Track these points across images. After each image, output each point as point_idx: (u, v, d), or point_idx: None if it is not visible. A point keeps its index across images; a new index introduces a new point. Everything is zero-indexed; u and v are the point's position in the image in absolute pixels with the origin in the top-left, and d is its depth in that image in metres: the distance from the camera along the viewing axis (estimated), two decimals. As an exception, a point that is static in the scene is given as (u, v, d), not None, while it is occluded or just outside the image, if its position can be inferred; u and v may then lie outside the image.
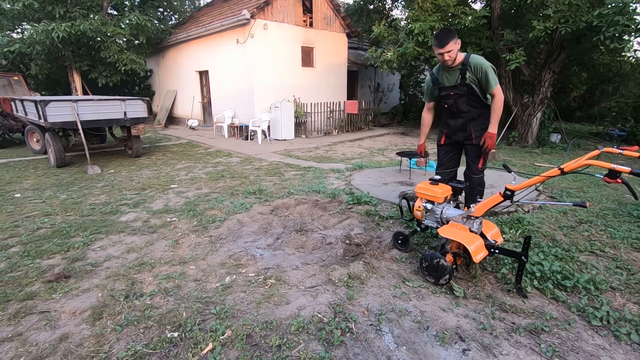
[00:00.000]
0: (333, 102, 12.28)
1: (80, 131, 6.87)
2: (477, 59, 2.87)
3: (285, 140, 10.64)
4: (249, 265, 2.99)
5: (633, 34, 7.53)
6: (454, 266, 2.56)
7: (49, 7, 11.47)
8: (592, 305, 2.30)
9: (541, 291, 2.49)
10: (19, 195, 5.18)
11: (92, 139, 8.47)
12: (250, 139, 10.62)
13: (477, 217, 2.51)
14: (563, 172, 2.14)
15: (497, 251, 2.50)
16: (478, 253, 2.36)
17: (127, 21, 12.61)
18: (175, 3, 17.33)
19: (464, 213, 2.57)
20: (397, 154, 5.97)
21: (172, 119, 15.23)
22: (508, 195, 2.34)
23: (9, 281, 2.75)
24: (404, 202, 3.25)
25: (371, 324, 2.19)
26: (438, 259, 2.49)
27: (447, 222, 2.68)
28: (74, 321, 2.28)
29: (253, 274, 2.83)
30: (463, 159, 3.32)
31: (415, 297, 2.47)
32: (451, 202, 2.87)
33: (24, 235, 3.64)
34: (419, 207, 2.87)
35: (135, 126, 7.65)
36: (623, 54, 11.49)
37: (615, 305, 2.33)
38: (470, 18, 9.17)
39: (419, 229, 3.01)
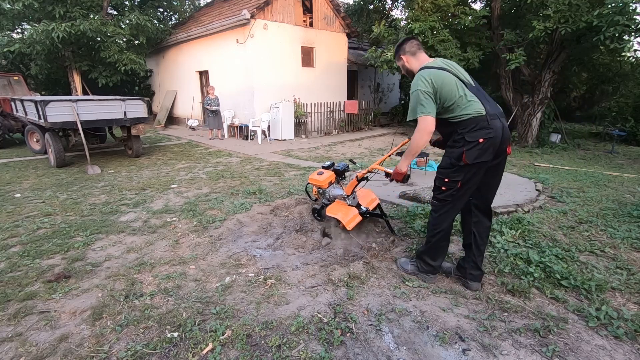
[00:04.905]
0: (333, 102, 12.28)
1: (80, 131, 6.87)
2: (417, 76, 2.32)
3: (285, 140, 10.64)
4: (249, 265, 2.99)
5: (633, 34, 7.53)
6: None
7: (49, 7, 11.46)
8: (592, 305, 2.30)
9: (541, 291, 2.49)
10: (19, 195, 5.18)
11: (92, 139, 8.46)
12: (250, 139, 10.62)
13: (349, 195, 3.32)
14: (358, 179, 3.30)
15: (367, 215, 3.27)
16: (350, 222, 3.10)
17: (127, 21, 12.61)
18: (175, 3, 17.34)
19: (343, 193, 3.39)
20: (397, 154, 5.96)
21: (172, 119, 15.23)
22: (359, 179, 3.30)
23: (9, 281, 2.75)
24: (309, 186, 4.05)
25: (371, 324, 2.19)
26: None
27: (334, 199, 3.44)
28: (74, 321, 2.28)
29: (253, 274, 2.83)
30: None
31: (415, 297, 2.47)
32: (337, 183, 3.55)
33: (24, 235, 3.64)
34: (315, 191, 3.80)
35: (135, 126, 7.64)
36: (623, 54, 11.51)
37: (615, 305, 2.33)
38: (470, 18, 9.17)
39: (324, 205, 3.76)
